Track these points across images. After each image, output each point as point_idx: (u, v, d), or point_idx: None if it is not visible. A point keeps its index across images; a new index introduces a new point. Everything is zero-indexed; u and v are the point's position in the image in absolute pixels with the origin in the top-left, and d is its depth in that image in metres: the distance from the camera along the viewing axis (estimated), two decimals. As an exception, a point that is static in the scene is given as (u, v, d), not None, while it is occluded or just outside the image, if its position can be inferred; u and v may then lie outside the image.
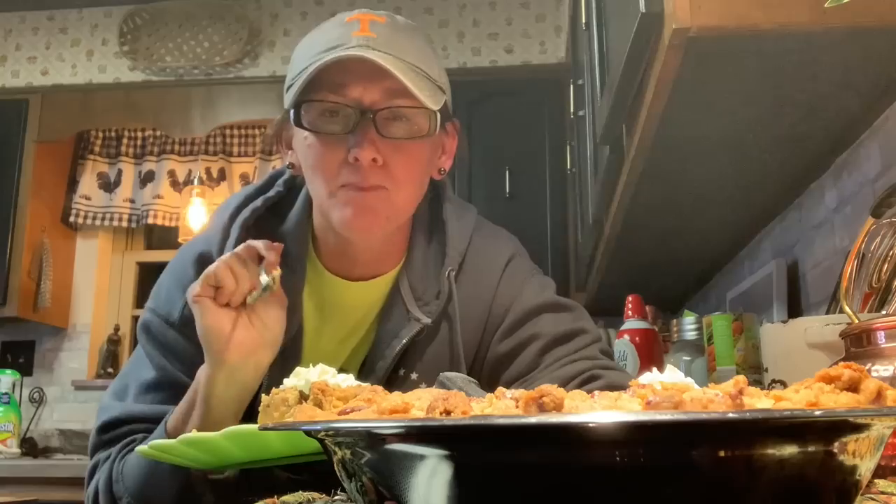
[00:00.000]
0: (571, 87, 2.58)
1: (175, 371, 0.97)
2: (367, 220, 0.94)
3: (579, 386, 0.96)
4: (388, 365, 0.98)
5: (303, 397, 0.75)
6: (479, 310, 1.03)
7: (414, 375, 1.00)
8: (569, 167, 2.93)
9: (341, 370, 1.01)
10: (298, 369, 0.78)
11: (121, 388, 1.01)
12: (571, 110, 2.57)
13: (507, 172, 3.22)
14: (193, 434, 0.73)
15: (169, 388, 0.97)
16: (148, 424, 0.95)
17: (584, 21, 1.97)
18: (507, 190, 3.20)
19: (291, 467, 1.00)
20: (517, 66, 3.52)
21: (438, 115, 0.95)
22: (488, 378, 1.02)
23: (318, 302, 1.03)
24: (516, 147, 3.27)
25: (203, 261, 1.01)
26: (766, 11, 0.93)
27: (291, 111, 0.94)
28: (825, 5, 0.81)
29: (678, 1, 0.93)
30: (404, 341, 0.98)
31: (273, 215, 1.05)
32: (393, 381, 0.99)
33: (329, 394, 0.73)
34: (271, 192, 1.06)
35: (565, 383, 0.97)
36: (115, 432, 0.97)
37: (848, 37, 0.97)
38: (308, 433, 0.45)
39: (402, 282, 1.02)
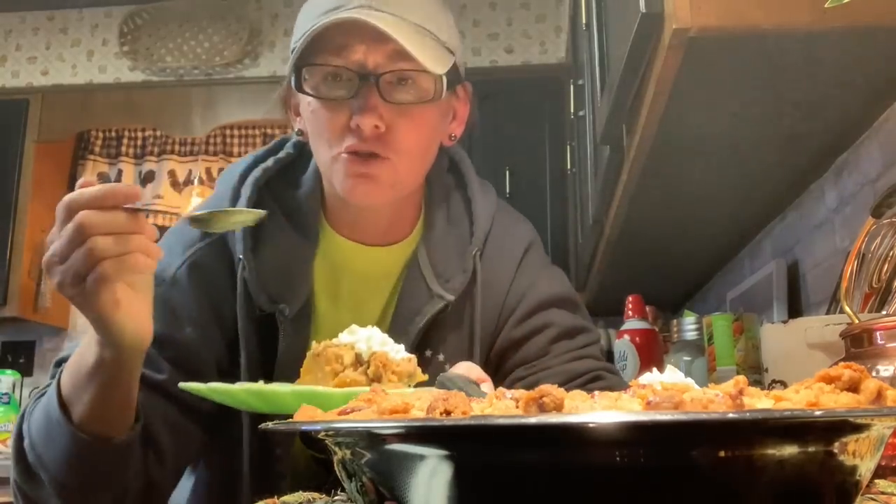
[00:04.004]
0: (571, 87, 2.58)
1: None
2: (370, 188, 0.91)
3: (585, 384, 0.99)
4: (411, 342, 0.96)
5: (358, 360, 0.75)
6: (496, 293, 1.02)
7: (441, 357, 0.98)
8: (569, 167, 2.92)
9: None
10: (354, 326, 0.78)
11: None
12: (571, 110, 2.57)
13: (507, 172, 3.22)
14: (220, 385, 0.73)
15: None
16: None
17: (584, 21, 1.97)
18: (507, 190, 3.20)
19: (316, 446, 0.99)
20: (517, 66, 3.52)
21: (444, 79, 0.91)
22: (497, 361, 1.02)
23: (330, 268, 1.01)
24: (516, 147, 3.26)
25: None
26: (766, 11, 0.93)
27: (292, 76, 0.92)
28: (825, 5, 0.81)
29: (678, 1, 0.93)
30: (427, 318, 0.96)
31: (283, 178, 1.02)
32: (423, 365, 0.95)
33: (389, 368, 0.74)
34: (281, 154, 1.03)
35: (573, 378, 0.99)
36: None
37: (848, 37, 0.97)
38: (308, 433, 0.45)
39: (422, 257, 1.00)
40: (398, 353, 0.76)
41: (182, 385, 0.77)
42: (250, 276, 0.94)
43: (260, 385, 0.73)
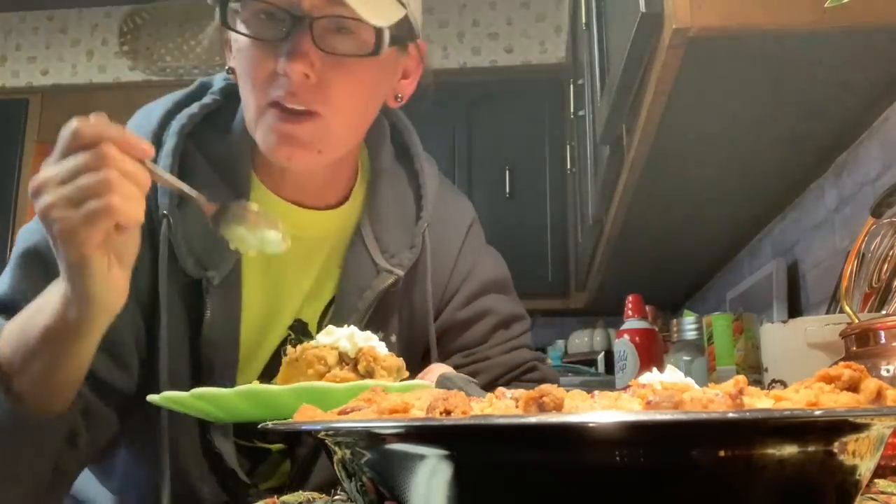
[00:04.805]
0: (571, 87, 2.58)
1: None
2: (294, 151, 0.83)
3: (522, 374, 1.02)
4: (360, 319, 0.91)
5: (342, 359, 0.74)
6: (441, 271, 1.00)
7: (393, 338, 0.95)
8: (569, 167, 2.93)
9: (298, 320, 0.95)
10: (330, 327, 0.75)
11: None
12: (571, 110, 2.58)
13: (507, 172, 3.22)
14: (206, 389, 0.69)
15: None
16: None
17: (584, 21, 1.97)
18: (507, 190, 3.21)
19: (244, 435, 0.92)
20: (517, 66, 3.52)
21: (386, 32, 0.82)
22: (437, 341, 0.99)
23: None
24: (516, 147, 3.27)
25: None
26: (766, 11, 0.93)
27: (217, 7, 0.82)
28: (825, 5, 0.81)
29: (678, 1, 0.93)
30: (378, 293, 0.92)
31: (209, 126, 0.91)
32: None
33: (378, 363, 0.73)
34: (206, 100, 0.93)
35: (512, 369, 1.01)
36: None
37: (848, 37, 0.97)
38: (308, 433, 0.45)
39: (365, 229, 0.95)
40: (382, 348, 0.75)
41: (154, 398, 0.71)
42: (175, 235, 0.84)
43: (254, 385, 0.69)
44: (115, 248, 0.69)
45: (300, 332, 0.95)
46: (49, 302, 0.71)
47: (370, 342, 0.75)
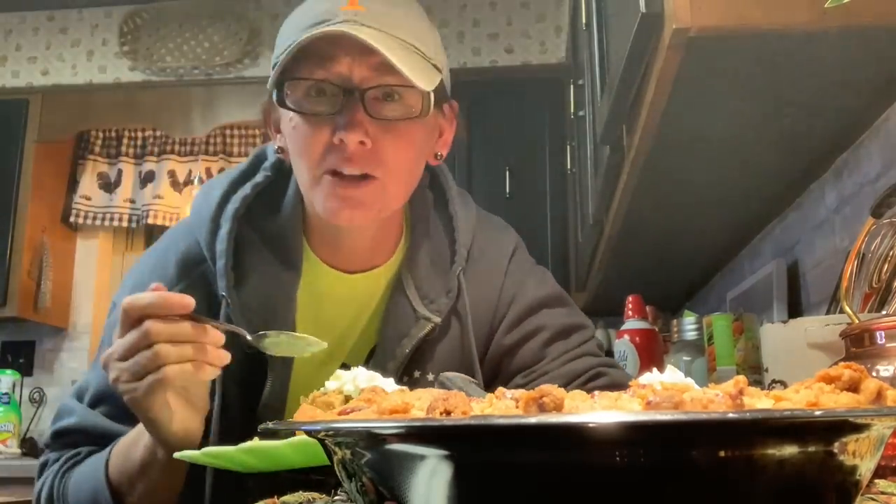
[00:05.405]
0: (571, 87, 2.58)
1: None
2: (355, 212, 0.90)
3: (585, 383, 0.99)
4: (399, 365, 0.96)
5: (348, 402, 0.75)
6: (486, 306, 1.02)
7: (430, 376, 0.97)
8: (569, 167, 2.93)
9: (343, 363, 0.98)
10: (339, 372, 0.77)
11: (82, 389, 0.97)
12: (571, 110, 2.58)
13: (507, 172, 3.22)
14: (214, 449, 0.75)
15: (119, 401, 0.86)
16: (95, 443, 0.92)
17: (584, 21, 1.98)
18: (507, 190, 3.20)
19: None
20: (517, 66, 3.52)
21: (432, 95, 0.89)
22: (493, 370, 1.01)
23: (313, 295, 0.98)
24: (516, 147, 3.26)
25: (189, 261, 0.96)
26: (765, 11, 0.93)
27: (274, 90, 0.89)
28: (825, 5, 0.81)
29: (678, 1, 0.93)
30: (415, 341, 0.95)
31: (262, 203, 0.99)
32: (412, 384, 0.96)
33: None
34: (259, 178, 1.00)
35: (573, 379, 0.99)
36: (66, 439, 0.95)
37: (848, 37, 0.97)
38: (308, 433, 0.45)
39: (406, 280, 0.99)
40: (389, 386, 0.76)
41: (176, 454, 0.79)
42: (234, 314, 0.92)
43: (255, 442, 0.73)
44: (180, 400, 0.81)
45: None
46: (142, 437, 0.85)
47: (373, 382, 0.76)
